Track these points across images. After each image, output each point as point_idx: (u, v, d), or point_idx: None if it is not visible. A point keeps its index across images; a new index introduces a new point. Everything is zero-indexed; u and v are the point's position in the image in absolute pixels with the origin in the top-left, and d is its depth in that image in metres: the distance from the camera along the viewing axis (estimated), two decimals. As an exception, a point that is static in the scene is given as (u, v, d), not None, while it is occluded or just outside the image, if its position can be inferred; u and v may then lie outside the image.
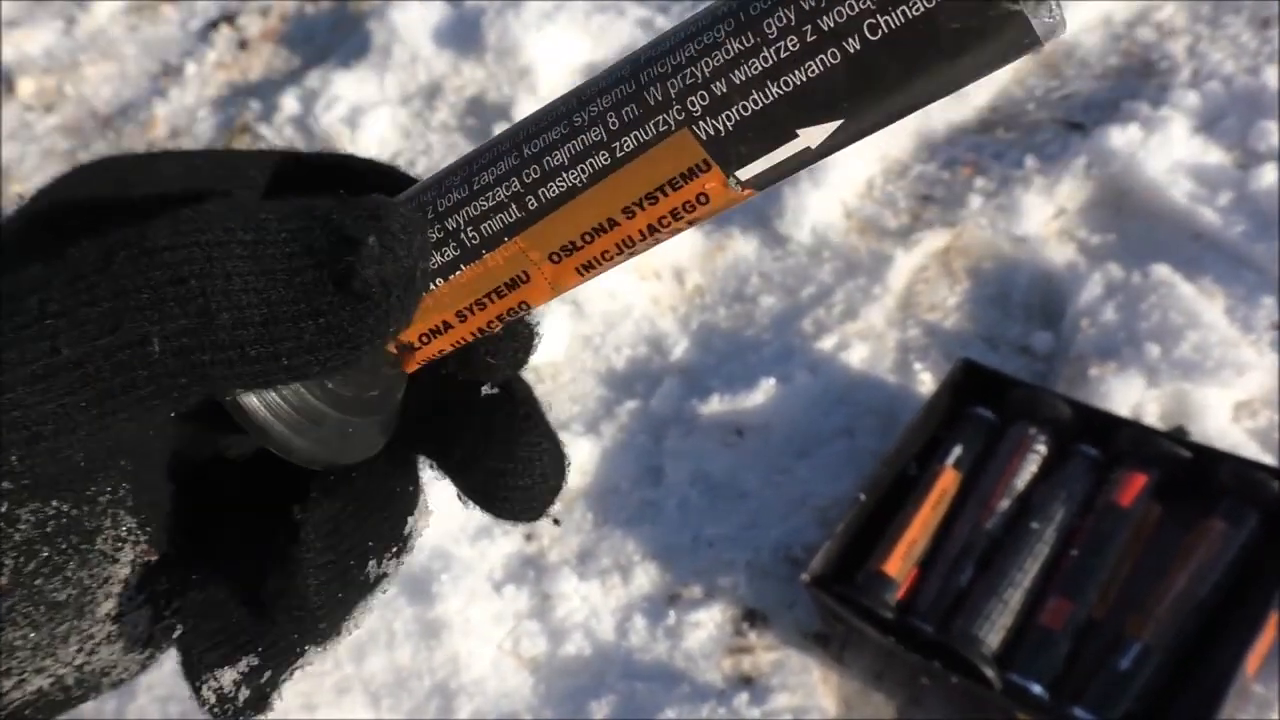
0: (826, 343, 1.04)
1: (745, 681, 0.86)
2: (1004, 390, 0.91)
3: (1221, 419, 0.87)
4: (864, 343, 1.04)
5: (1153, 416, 0.89)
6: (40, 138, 1.61)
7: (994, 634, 0.75)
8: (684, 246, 1.17)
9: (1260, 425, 0.88)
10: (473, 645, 0.90)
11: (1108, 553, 0.78)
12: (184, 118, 1.58)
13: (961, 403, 0.92)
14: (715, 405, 1.02)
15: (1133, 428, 0.85)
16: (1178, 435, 0.85)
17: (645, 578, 0.94)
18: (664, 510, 0.98)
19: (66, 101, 1.66)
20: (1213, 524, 0.76)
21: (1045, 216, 1.08)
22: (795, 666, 0.86)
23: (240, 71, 1.65)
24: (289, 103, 1.49)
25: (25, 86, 1.68)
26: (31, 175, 1.57)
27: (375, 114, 1.45)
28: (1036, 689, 0.73)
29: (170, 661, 0.25)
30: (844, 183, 1.16)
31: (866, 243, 1.12)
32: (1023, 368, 0.98)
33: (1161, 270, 0.96)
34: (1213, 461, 0.80)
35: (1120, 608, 0.73)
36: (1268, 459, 0.84)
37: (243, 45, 1.66)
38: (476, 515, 0.93)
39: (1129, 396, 0.89)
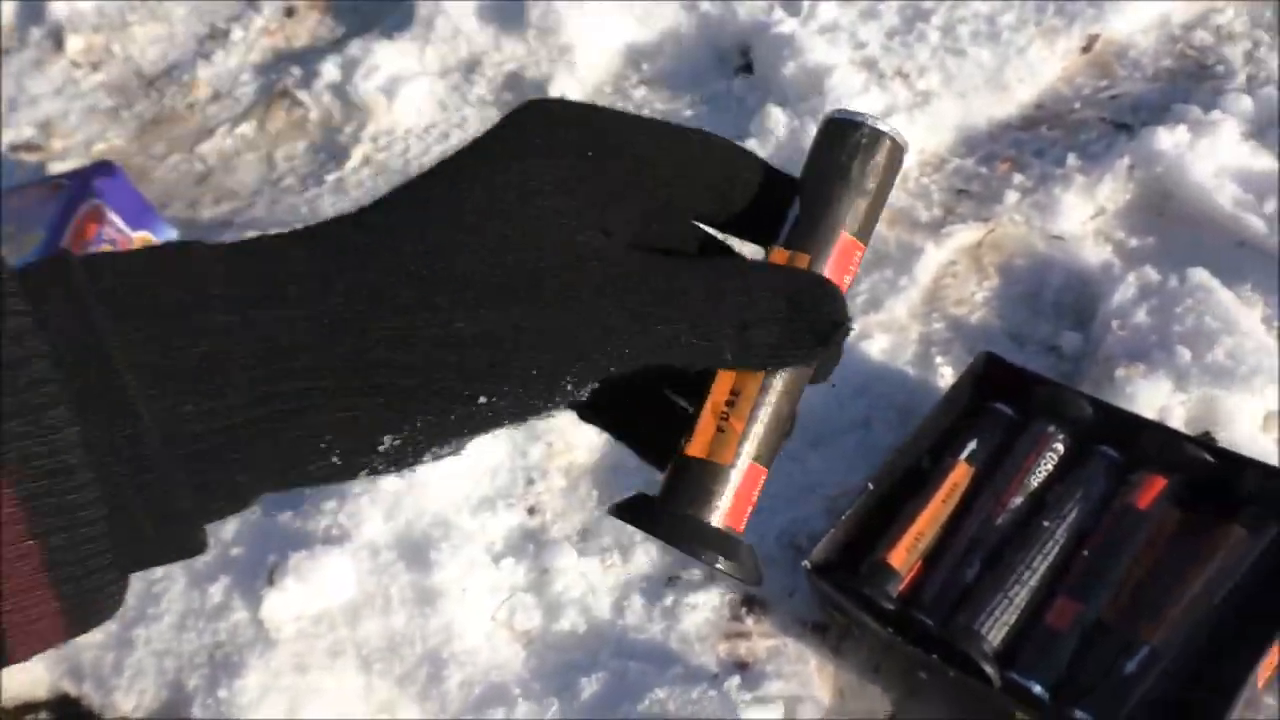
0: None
1: (740, 666, 0.84)
2: (1026, 387, 0.88)
3: (1251, 428, 0.83)
4: (886, 334, 1.01)
5: (1179, 421, 0.85)
6: (85, 94, 1.63)
7: (996, 631, 0.72)
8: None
9: (1292, 437, 0.84)
10: (467, 615, 0.89)
11: (1121, 555, 0.75)
12: (226, 81, 1.59)
13: (982, 398, 0.89)
14: (730, 389, 1.00)
15: (1156, 430, 0.82)
16: (1203, 441, 0.82)
17: (645, 558, 0.92)
18: (671, 491, 0.96)
19: (113, 60, 1.67)
20: (1232, 530, 0.73)
21: (1084, 216, 1.05)
22: (792, 654, 0.84)
23: (285, 38, 1.65)
24: (329, 70, 1.49)
25: (74, 44, 1.70)
26: (74, 132, 1.58)
27: (413, 85, 1.45)
28: (1037, 688, 0.70)
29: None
30: (878, 173, 1.13)
31: (896, 235, 1.09)
32: (1049, 367, 0.95)
33: (1200, 275, 0.92)
34: (1236, 468, 0.76)
35: (1131, 611, 0.70)
36: (1298, 472, 0.81)
37: (289, 12, 1.67)
38: (483, 485, 0.91)
39: (1155, 400, 0.86)
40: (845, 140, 0.35)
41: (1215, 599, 0.69)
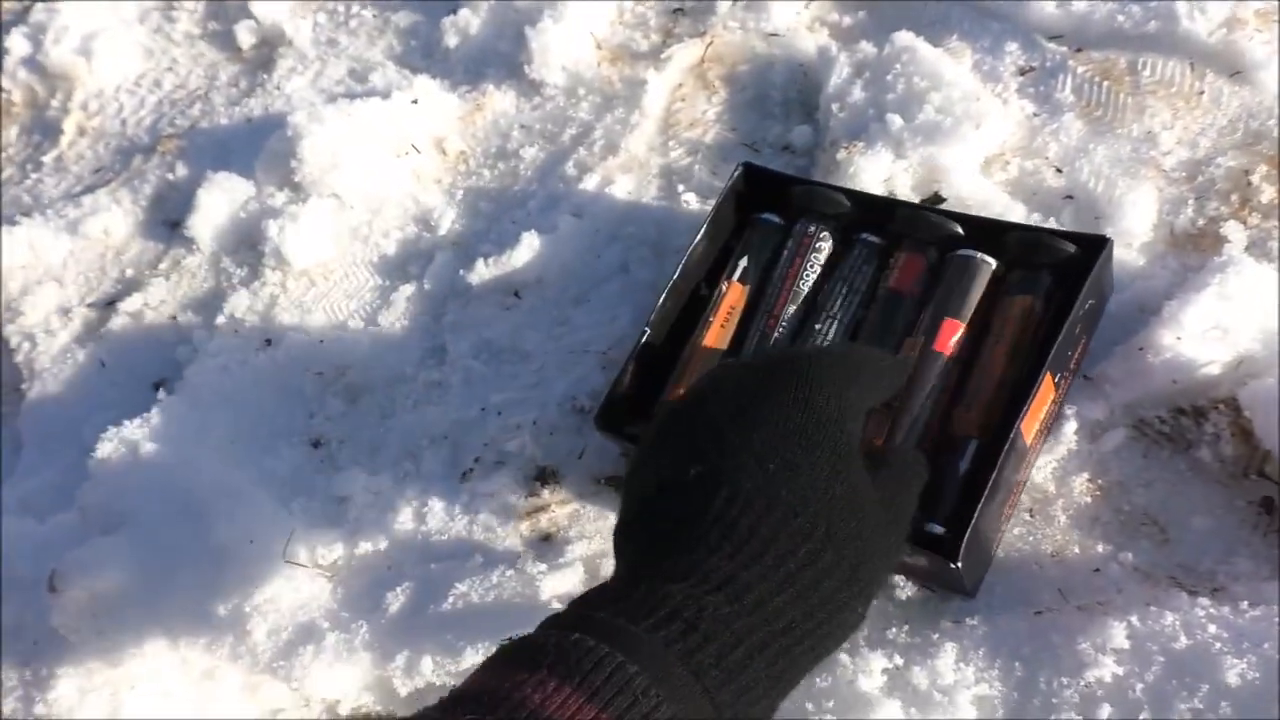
0: (589, 183, 0.99)
1: (544, 539, 0.83)
2: (787, 192, 0.84)
3: (972, 174, 0.83)
4: (628, 175, 0.99)
5: (905, 189, 0.85)
6: None
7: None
8: (441, 115, 1.10)
9: (1013, 175, 0.85)
10: (261, 565, 0.86)
11: (889, 343, 0.74)
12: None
13: (748, 211, 0.85)
14: (489, 270, 0.97)
15: (906, 207, 0.79)
16: (933, 203, 0.82)
17: (436, 460, 0.90)
18: (450, 388, 0.94)
19: None
20: (1024, 301, 0.71)
21: (796, 7, 1.03)
22: (591, 514, 0.83)
23: (-31, 23, 1.51)
24: (18, 43, 1.37)
25: None
26: None
27: (110, 38, 1.34)
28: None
29: None
30: (591, 14, 1.09)
31: (619, 71, 1.06)
32: (786, 165, 0.94)
33: (904, 37, 0.91)
34: (992, 233, 0.74)
35: (949, 410, 0.70)
36: (1020, 208, 0.81)
37: (-35, -6, 1.52)
38: (260, 432, 0.85)
39: (879, 173, 0.85)
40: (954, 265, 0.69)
41: (1017, 371, 0.70)
